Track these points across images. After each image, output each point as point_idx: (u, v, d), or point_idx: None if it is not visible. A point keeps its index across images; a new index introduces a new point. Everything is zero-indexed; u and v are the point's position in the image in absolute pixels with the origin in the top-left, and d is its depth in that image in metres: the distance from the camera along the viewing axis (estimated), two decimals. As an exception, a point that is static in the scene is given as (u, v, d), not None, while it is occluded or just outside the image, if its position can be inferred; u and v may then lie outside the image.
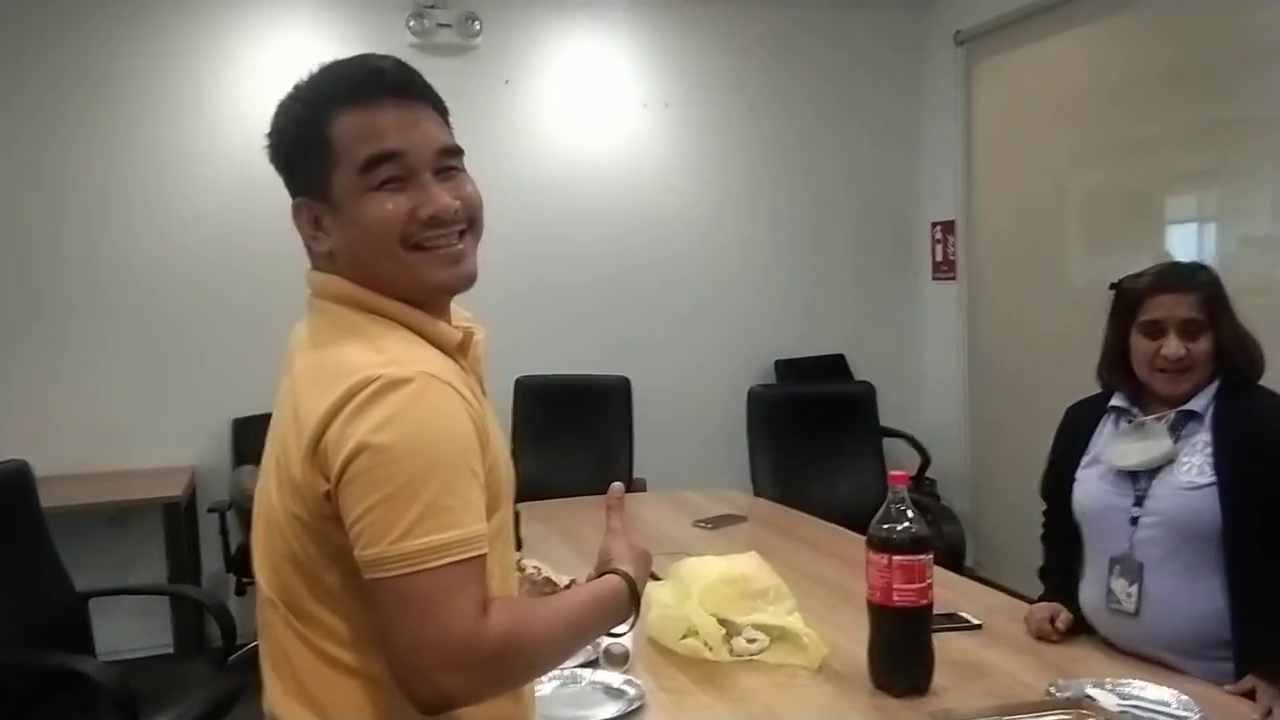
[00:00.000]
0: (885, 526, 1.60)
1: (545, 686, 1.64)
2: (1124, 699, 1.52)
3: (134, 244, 3.92)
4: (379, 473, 0.94)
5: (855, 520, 1.80)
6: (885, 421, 4.44)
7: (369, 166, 1.02)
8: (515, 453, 4.04)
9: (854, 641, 1.68)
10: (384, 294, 1.05)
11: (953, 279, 4.71)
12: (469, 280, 1.09)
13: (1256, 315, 1.83)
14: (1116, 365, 1.84)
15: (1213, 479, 1.66)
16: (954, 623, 1.91)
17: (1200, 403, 1.73)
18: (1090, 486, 1.83)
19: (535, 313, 4.26)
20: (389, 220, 1.02)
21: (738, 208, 4.65)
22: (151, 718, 2.20)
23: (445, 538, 0.93)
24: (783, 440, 3.62)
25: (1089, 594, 1.80)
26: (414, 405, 0.96)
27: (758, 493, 3.45)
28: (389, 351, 1.01)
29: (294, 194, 1.08)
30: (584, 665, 1.72)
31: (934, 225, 4.81)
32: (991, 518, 4.50)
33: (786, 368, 4.59)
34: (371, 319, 1.05)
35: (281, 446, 1.03)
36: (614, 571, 1.16)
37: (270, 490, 1.05)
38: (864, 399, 3.76)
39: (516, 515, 1.27)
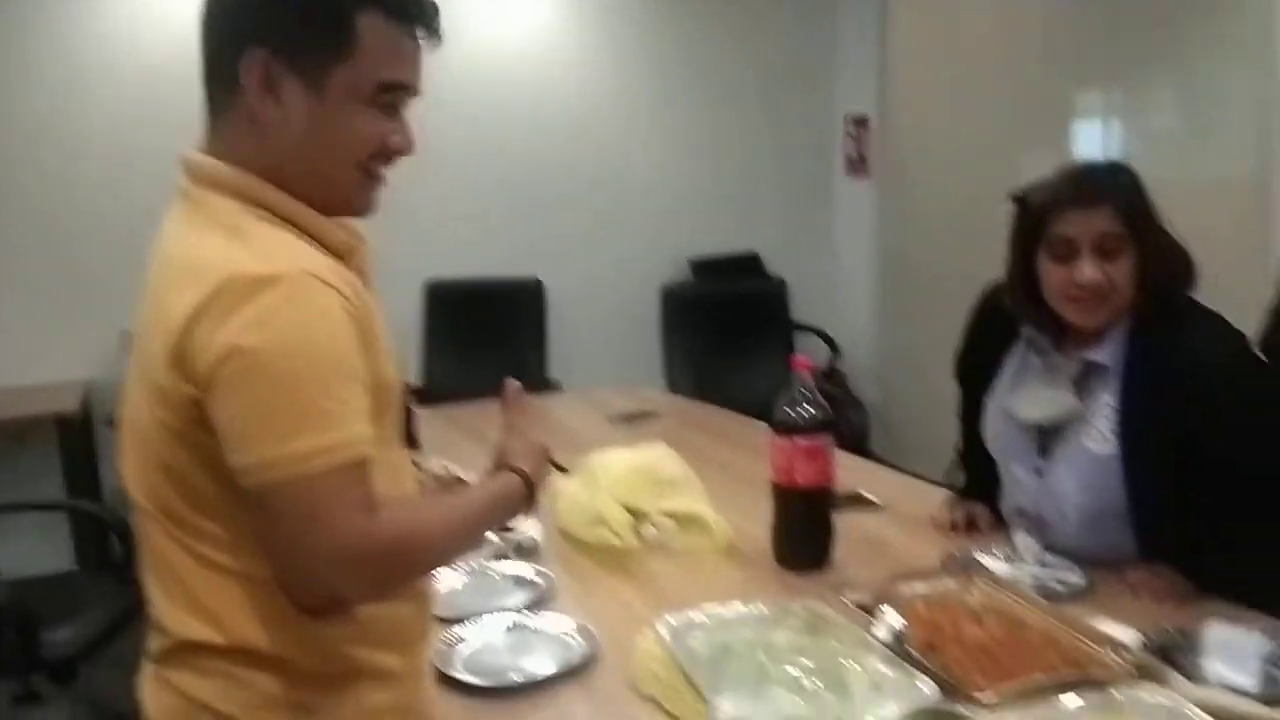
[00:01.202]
0: (788, 410, 1.62)
1: (455, 580, 1.64)
2: (1012, 565, 1.58)
3: (18, 155, 3.68)
4: (251, 377, 0.89)
5: (768, 414, 1.82)
6: (798, 317, 4.51)
7: (385, 89, 1.00)
8: (426, 356, 3.98)
9: (761, 525, 1.71)
10: (286, 191, 0.99)
11: (867, 176, 4.72)
12: (373, 211, 1.09)
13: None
14: (1024, 293, 1.57)
15: (1117, 450, 1.50)
16: (857, 503, 1.97)
17: (1108, 353, 1.52)
18: (995, 425, 1.70)
19: (444, 214, 4.14)
20: (369, 139, 1.01)
21: (650, 103, 4.55)
22: (51, 634, 2.14)
23: (326, 440, 0.90)
24: (697, 338, 3.65)
25: (1006, 514, 1.73)
26: (288, 304, 0.91)
27: (672, 390, 3.48)
28: (261, 245, 0.95)
29: (257, 41, 0.96)
30: (494, 558, 1.72)
31: (848, 120, 4.79)
32: (899, 408, 4.62)
33: (701, 266, 4.58)
34: (253, 212, 0.98)
35: (145, 351, 0.97)
36: (510, 468, 1.15)
37: (136, 397, 1.00)
38: (776, 296, 3.80)
39: (411, 415, 1.25)
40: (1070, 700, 1.11)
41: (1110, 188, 1.49)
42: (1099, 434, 1.53)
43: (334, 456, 0.90)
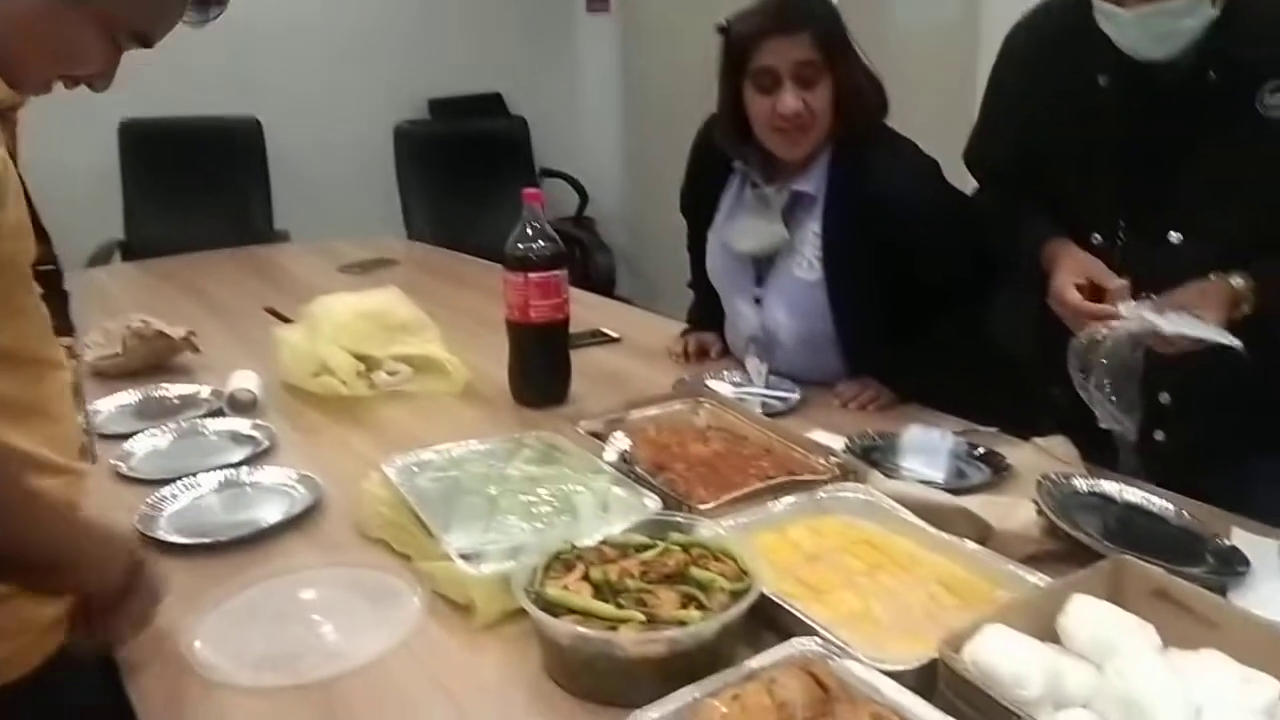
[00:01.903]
0: (521, 246, 1.57)
1: (161, 439, 1.51)
2: (737, 387, 1.66)
3: None
4: None
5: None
6: (545, 162, 4.41)
7: (131, 34, 0.94)
8: (128, 206, 3.54)
9: (500, 366, 1.68)
10: None
11: (607, 11, 4.60)
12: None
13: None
14: (733, 128, 1.61)
15: (822, 276, 1.59)
16: (596, 339, 1.98)
17: (813, 182, 1.58)
18: (715, 258, 1.75)
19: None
20: (85, 63, 0.94)
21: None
22: None
23: None
24: (436, 181, 3.49)
25: (730, 338, 1.81)
26: None
27: (412, 237, 3.33)
28: None
29: None
30: (207, 415, 1.59)
31: (587, -47, 4.62)
32: (647, 252, 4.69)
33: (441, 107, 4.35)
34: None
35: None
36: (133, 551, 0.97)
37: None
38: (518, 136, 3.68)
39: (65, 298, 1.09)
40: (781, 502, 1.18)
41: (808, 16, 1.53)
42: (806, 262, 1.61)
43: None
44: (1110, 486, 1.24)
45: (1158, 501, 1.22)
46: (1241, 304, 1.23)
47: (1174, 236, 1.31)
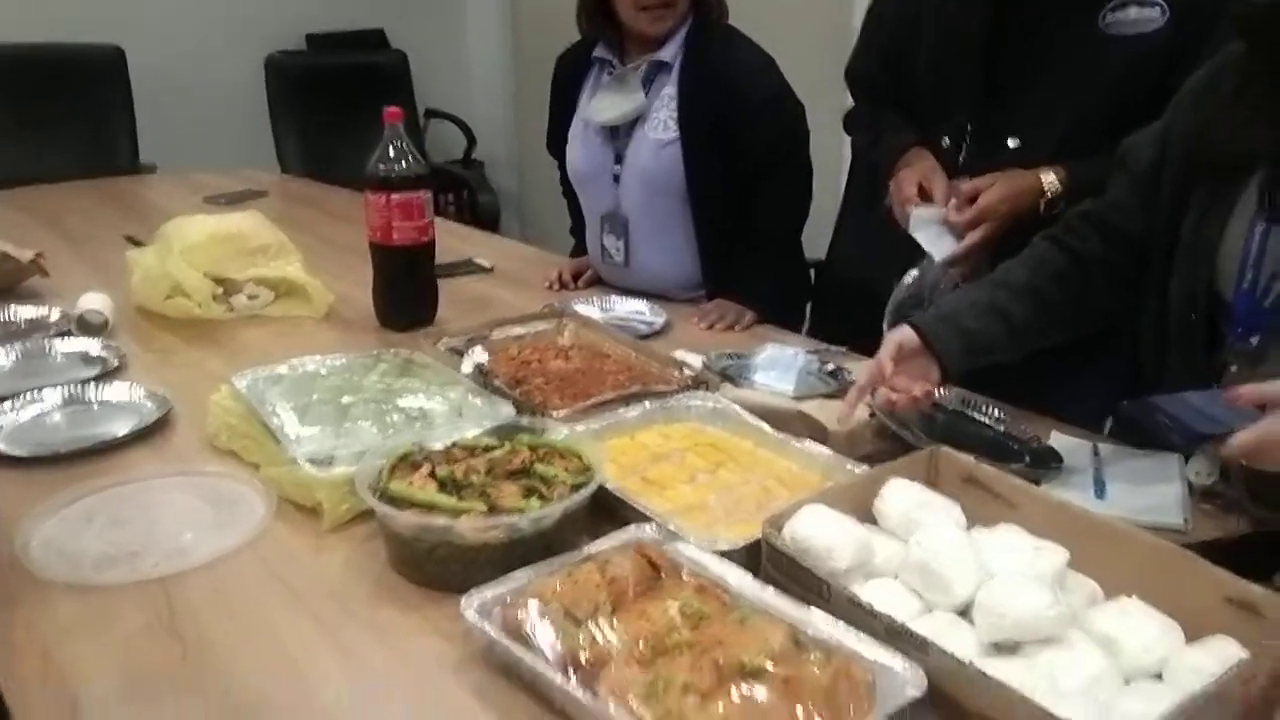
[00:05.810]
0: (382, 166, 1.56)
1: (4, 358, 1.45)
2: (605, 310, 1.69)
3: None
4: None
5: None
6: (433, 104, 4.33)
7: None
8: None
9: (365, 291, 1.67)
10: None
11: (494, -51, 4.51)
12: None
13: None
14: (596, 11, 1.73)
15: (677, 135, 1.68)
16: (467, 267, 1.98)
17: (670, 51, 1.69)
18: (577, 146, 1.82)
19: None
20: None
21: None
22: None
23: None
24: (310, 115, 3.40)
25: (589, 248, 1.88)
26: None
27: (285, 172, 3.23)
28: None
29: None
30: (54, 336, 1.54)
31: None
32: (534, 196, 4.67)
33: (319, 42, 4.20)
34: None
35: None
36: None
37: None
38: (399, 72, 3.59)
39: None
40: (633, 409, 1.21)
41: None
42: (662, 124, 1.71)
43: None
44: (942, 394, 1.32)
45: (984, 407, 1.30)
46: (1042, 197, 1.34)
47: (1011, 142, 1.39)
